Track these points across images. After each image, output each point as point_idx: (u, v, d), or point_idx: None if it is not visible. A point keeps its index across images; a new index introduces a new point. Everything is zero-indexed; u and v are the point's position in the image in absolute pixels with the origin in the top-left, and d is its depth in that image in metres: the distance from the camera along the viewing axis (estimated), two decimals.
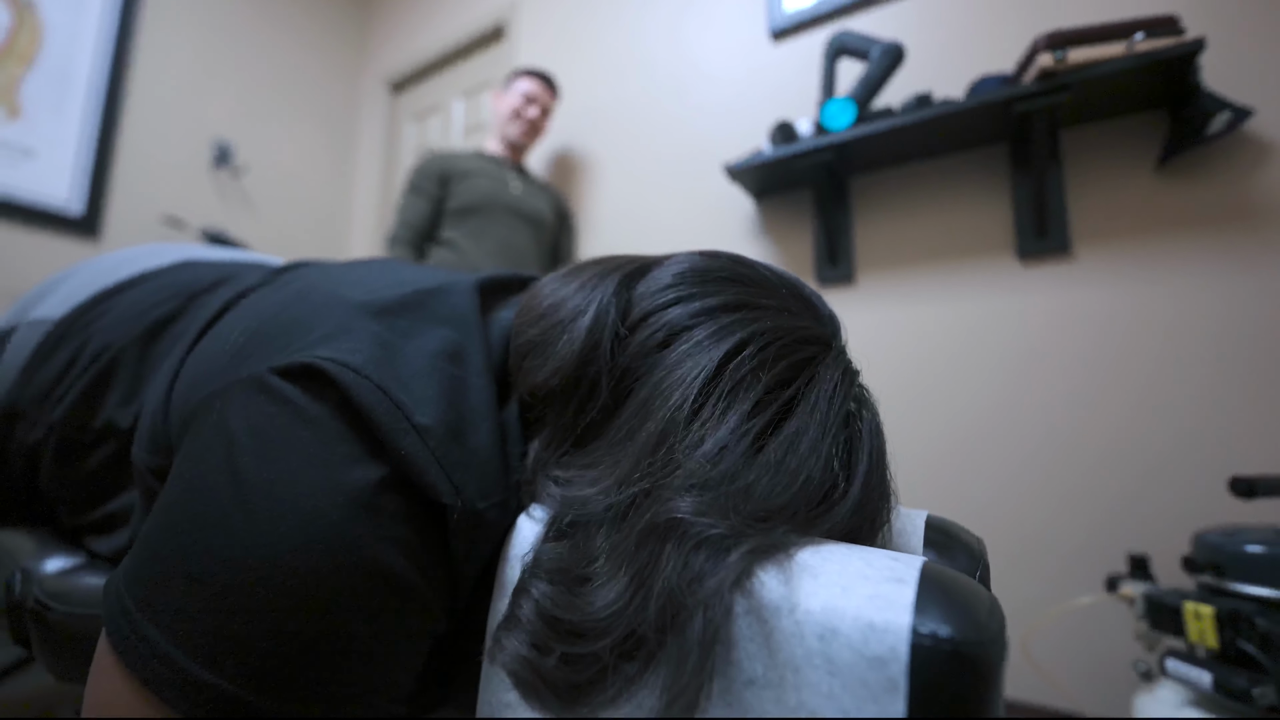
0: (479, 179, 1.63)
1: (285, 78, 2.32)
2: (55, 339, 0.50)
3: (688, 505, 0.24)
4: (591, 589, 0.24)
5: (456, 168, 1.64)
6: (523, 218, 1.65)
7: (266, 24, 2.26)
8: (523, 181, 1.71)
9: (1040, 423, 1.10)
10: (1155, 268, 1.04)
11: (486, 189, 1.62)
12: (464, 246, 1.59)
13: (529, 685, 0.23)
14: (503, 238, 1.61)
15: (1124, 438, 1.03)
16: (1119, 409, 1.04)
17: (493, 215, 1.61)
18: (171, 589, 0.24)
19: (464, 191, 1.61)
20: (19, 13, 1.71)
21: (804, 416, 0.29)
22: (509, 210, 1.63)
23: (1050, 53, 0.97)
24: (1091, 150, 1.11)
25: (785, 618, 0.22)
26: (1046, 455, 1.09)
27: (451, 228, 1.61)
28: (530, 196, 1.69)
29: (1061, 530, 1.06)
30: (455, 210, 1.61)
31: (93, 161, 1.77)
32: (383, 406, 0.27)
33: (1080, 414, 1.07)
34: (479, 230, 1.60)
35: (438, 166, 1.64)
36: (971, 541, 0.36)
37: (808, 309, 0.35)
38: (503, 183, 1.65)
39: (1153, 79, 0.98)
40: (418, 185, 1.63)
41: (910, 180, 1.28)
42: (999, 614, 0.22)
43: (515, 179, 1.69)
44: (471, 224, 1.60)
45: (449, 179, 1.64)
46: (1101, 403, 1.06)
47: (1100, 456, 1.05)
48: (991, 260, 1.18)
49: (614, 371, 0.32)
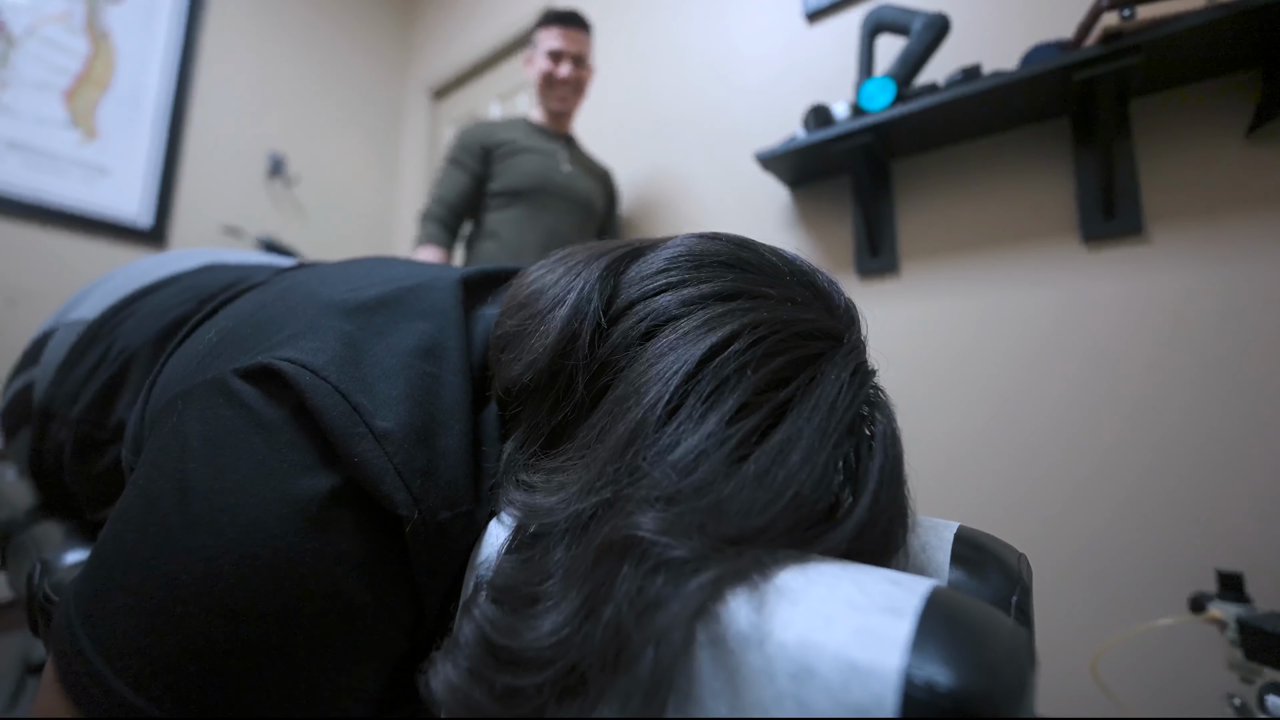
0: (527, 156, 1.43)
1: (334, 91, 2.42)
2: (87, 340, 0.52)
3: (650, 521, 0.21)
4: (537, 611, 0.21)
5: (501, 140, 1.44)
6: (573, 202, 1.46)
7: (316, 42, 2.37)
8: (574, 158, 1.51)
9: (1112, 422, 1.00)
10: (1245, 249, 0.92)
11: (535, 169, 1.42)
12: (507, 237, 1.41)
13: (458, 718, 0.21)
14: (550, 226, 1.42)
15: (1211, 439, 0.92)
16: (1203, 407, 0.93)
17: (541, 200, 1.42)
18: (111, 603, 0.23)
19: (509, 171, 1.42)
20: (96, 41, 1.85)
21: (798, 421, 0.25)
22: (559, 194, 1.43)
23: (1116, 11, 0.87)
24: (1167, 120, 1.00)
25: (754, 652, 0.19)
26: (1120, 458, 0.98)
27: (495, 213, 1.43)
28: (581, 177, 1.49)
29: (1139, 541, 0.95)
30: (499, 193, 1.42)
31: (160, 177, 1.89)
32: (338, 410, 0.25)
33: (1158, 413, 0.96)
34: (526, 217, 1.41)
35: (480, 138, 1.44)
36: (1009, 558, 0.31)
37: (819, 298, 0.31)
38: (553, 160, 1.45)
39: (1242, 33, 0.86)
40: (457, 158, 1.44)
41: (959, 161, 1.19)
42: (1022, 656, 0.18)
43: (565, 155, 1.49)
44: (518, 210, 1.41)
45: (491, 153, 1.44)
46: (1183, 400, 0.95)
47: (1183, 460, 0.94)
48: (1053, 244, 1.08)
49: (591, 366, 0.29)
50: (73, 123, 1.78)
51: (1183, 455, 0.94)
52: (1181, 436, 0.94)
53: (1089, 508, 1.00)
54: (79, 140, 1.78)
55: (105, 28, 1.86)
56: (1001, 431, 1.09)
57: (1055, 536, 1.02)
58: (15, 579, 0.49)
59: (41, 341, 0.57)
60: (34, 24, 1.73)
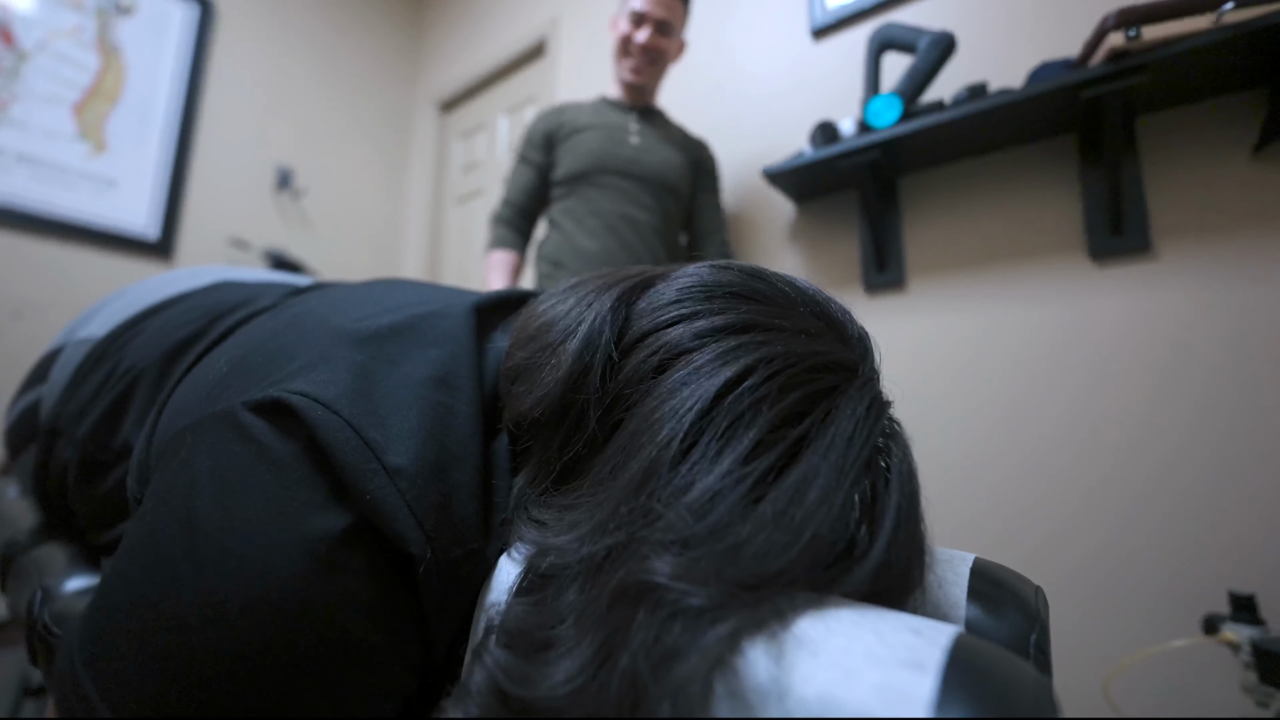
0: (589, 134, 1.25)
1: (342, 103, 2.44)
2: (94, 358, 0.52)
3: (665, 566, 0.20)
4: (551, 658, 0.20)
5: (566, 123, 1.27)
6: (643, 180, 1.24)
7: (325, 55, 2.39)
8: (647, 129, 1.30)
9: (1120, 440, 0.99)
10: (1253, 266, 0.92)
11: (594, 147, 1.24)
12: (568, 228, 1.24)
13: None
14: (613, 211, 1.22)
15: (1221, 457, 0.91)
16: (1211, 425, 0.92)
17: (600, 182, 1.24)
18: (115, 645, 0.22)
19: (568, 154, 1.25)
20: (106, 56, 1.87)
21: (815, 459, 0.24)
22: (623, 172, 1.24)
23: (1122, 31, 0.88)
24: (1174, 137, 1.00)
25: (773, 706, 0.18)
26: (1129, 477, 0.98)
27: (558, 203, 1.28)
28: (654, 149, 1.27)
29: (1151, 561, 0.94)
30: (560, 180, 1.27)
31: (168, 189, 1.91)
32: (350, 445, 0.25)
33: (1166, 430, 0.95)
34: (584, 205, 1.23)
35: (543, 126, 1.29)
36: (1027, 595, 0.30)
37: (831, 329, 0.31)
38: (620, 133, 1.26)
39: (1246, 54, 0.86)
40: (522, 153, 1.31)
41: (965, 178, 1.19)
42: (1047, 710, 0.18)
43: (637, 126, 1.29)
44: (577, 197, 1.24)
45: (555, 139, 1.28)
46: (1190, 418, 0.94)
47: (1192, 478, 0.93)
48: (1060, 261, 1.08)
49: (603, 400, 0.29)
50: (81, 136, 1.79)
51: (1192, 473, 0.93)
52: (1190, 454, 0.93)
53: (1098, 525, 0.99)
54: (88, 153, 1.80)
55: (116, 42, 1.88)
56: (1008, 447, 1.08)
57: (1064, 554, 1.00)
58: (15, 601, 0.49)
59: (50, 359, 0.57)
60: (45, 38, 1.75)
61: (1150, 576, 0.94)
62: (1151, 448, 0.96)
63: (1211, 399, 0.93)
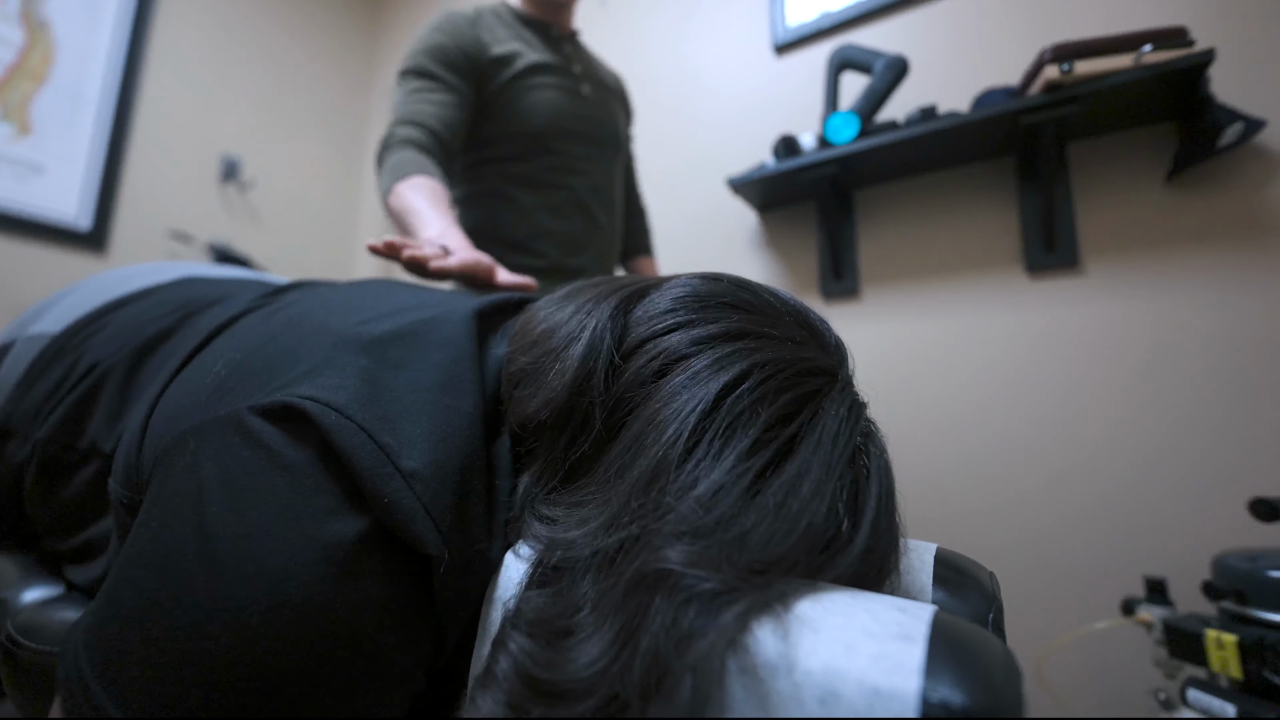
0: (539, 79, 0.94)
1: (294, 93, 2.35)
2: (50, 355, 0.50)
3: (678, 555, 0.22)
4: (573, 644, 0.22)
5: (490, 45, 0.92)
6: (599, 144, 1.01)
7: (276, 40, 2.29)
8: (588, 71, 1.03)
9: (1051, 440, 1.08)
10: (1166, 282, 1.02)
11: (553, 101, 0.94)
12: (525, 201, 0.95)
13: None
14: (580, 185, 0.98)
15: (1138, 456, 1.00)
16: (1132, 427, 1.02)
17: (558, 147, 0.95)
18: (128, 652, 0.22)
19: (515, 103, 0.93)
20: (32, 31, 1.74)
21: (807, 456, 0.27)
22: (583, 136, 0.98)
23: (1057, 65, 0.96)
24: (1100, 163, 1.10)
25: (783, 678, 0.20)
26: (1058, 474, 1.06)
27: (500, 165, 0.95)
28: (604, 101, 1.03)
29: (1076, 551, 1.03)
30: (504, 137, 0.94)
31: (101, 177, 1.79)
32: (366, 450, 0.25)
33: (1092, 432, 1.05)
34: (542, 175, 0.95)
35: (460, 42, 0.89)
36: (984, 579, 0.34)
37: (813, 337, 0.33)
38: (568, 79, 0.97)
39: (1162, 91, 0.96)
40: (428, 68, 0.88)
41: (915, 193, 1.27)
42: (1015, 675, 0.20)
43: (579, 69, 1.01)
44: (532, 163, 0.95)
45: (481, 67, 0.91)
46: (1114, 420, 1.03)
47: (1115, 475, 1.02)
48: (999, 274, 1.17)
49: (607, 403, 0.31)
50: (3, 117, 1.66)
51: (1112, 469, 1.02)
52: (1110, 451, 1.02)
53: (1030, 519, 1.07)
54: (10, 136, 1.67)
55: (44, 17, 1.75)
56: (950, 448, 1.16)
57: (999, 548, 1.08)
58: None
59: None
60: None
61: (1075, 565, 1.02)
62: (1078, 447, 1.05)
63: (1130, 402, 1.02)
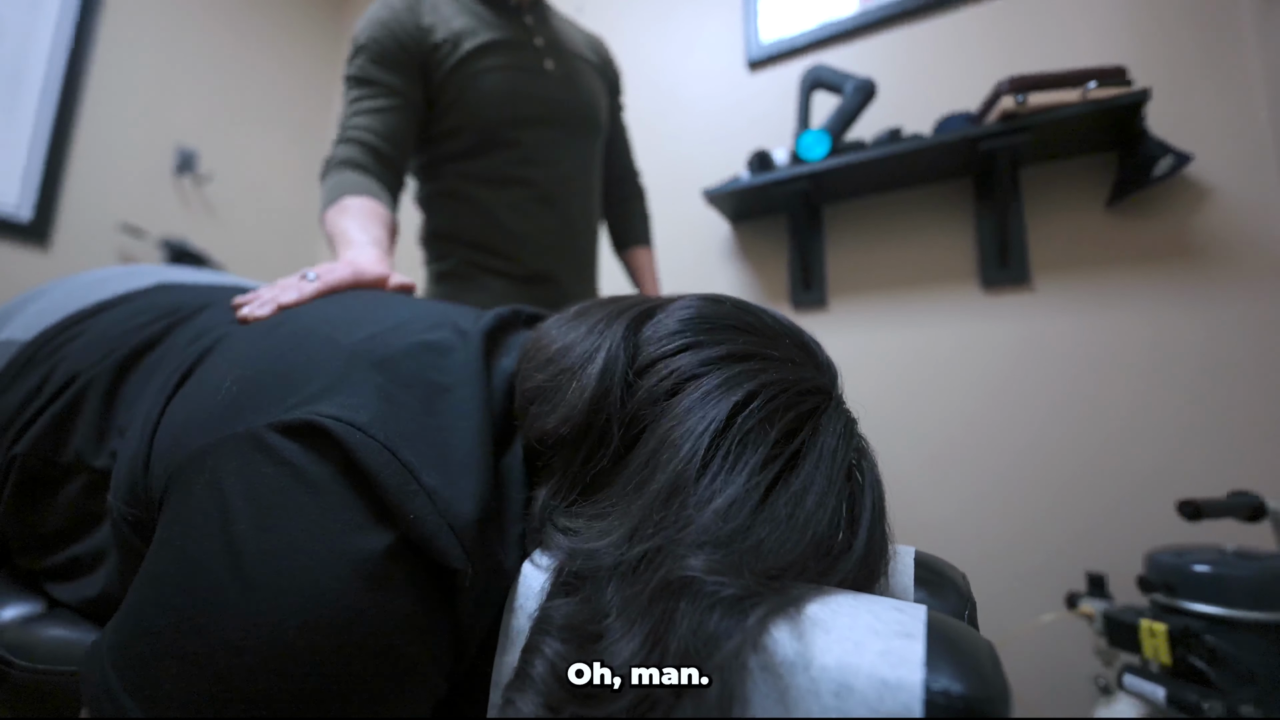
0: (489, 61, 0.82)
1: (253, 84, 2.26)
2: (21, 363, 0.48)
3: (700, 563, 0.24)
4: (603, 647, 0.24)
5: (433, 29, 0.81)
6: (568, 127, 0.88)
7: (237, 27, 2.21)
8: (556, 42, 0.90)
9: (1003, 446, 1.15)
10: (1106, 299, 1.11)
11: (504, 86, 0.83)
12: (485, 201, 0.85)
13: None
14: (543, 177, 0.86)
15: (1082, 460, 1.09)
16: (1077, 433, 1.10)
17: (516, 138, 0.84)
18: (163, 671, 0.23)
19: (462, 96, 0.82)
20: None
21: (810, 470, 0.29)
22: (545, 120, 0.86)
23: (1012, 96, 1.03)
24: (1049, 187, 1.18)
25: (800, 674, 0.23)
26: (1009, 477, 1.14)
27: (454, 164, 0.86)
28: (574, 75, 0.90)
29: (1025, 550, 1.10)
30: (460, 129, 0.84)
31: (43, 166, 1.69)
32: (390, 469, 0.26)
33: (1040, 438, 1.12)
34: (499, 171, 0.85)
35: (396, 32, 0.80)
36: (959, 580, 0.37)
37: (809, 357, 0.36)
38: (526, 55, 0.86)
39: (1103, 124, 1.04)
40: (367, 73, 0.81)
41: (881, 210, 1.33)
42: (1000, 665, 0.23)
43: (543, 41, 0.88)
44: (486, 159, 0.84)
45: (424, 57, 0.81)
46: (1060, 427, 1.11)
47: (1061, 478, 1.10)
48: (957, 288, 1.24)
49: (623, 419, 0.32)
50: None
51: (1061, 473, 1.10)
52: (1060, 457, 1.10)
53: (984, 521, 1.14)
54: None
55: None
56: (909, 452, 1.22)
57: (955, 548, 1.15)
58: None
59: None
60: None
61: (1024, 563, 1.09)
62: (1029, 451, 1.13)
63: (1075, 410, 1.10)
